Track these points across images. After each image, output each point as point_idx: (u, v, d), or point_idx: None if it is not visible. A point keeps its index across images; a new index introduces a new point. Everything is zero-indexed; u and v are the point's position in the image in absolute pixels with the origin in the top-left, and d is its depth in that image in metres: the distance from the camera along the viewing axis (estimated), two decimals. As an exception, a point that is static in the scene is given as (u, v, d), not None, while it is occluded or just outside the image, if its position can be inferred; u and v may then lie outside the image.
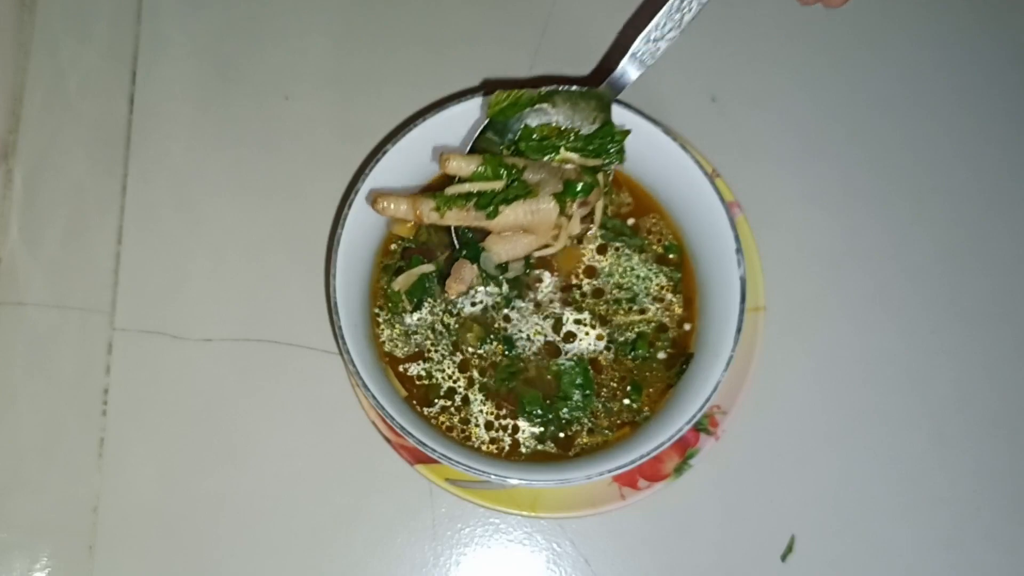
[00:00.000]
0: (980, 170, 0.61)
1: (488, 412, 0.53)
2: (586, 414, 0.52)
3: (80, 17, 0.64)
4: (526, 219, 0.44)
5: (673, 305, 0.54)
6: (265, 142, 0.62)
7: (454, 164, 0.43)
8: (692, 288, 0.54)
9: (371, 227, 0.52)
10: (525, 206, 0.44)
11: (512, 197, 0.44)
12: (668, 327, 0.54)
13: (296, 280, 0.59)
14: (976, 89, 0.62)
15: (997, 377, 0.58)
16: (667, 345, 0.53)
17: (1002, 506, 0.57)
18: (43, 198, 0.61)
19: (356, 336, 0.49)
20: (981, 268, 0.60)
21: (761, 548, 0.56)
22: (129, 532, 0.57)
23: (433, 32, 0.63)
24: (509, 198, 0.44)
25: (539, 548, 0.57)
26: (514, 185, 0.44)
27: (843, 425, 0.58)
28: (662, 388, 0.53)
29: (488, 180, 0.43)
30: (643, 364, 0.53)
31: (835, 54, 0.63)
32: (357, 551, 0.56)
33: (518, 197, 0.43)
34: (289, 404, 0.58)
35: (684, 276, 0.54)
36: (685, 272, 0.54)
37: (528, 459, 0.52)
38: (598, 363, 0.53)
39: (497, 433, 0.53)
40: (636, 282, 0.54)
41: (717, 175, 0.57)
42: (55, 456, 0.58)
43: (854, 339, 0.59)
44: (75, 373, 0.58)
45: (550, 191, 0.44)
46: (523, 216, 0.44)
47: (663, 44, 0.49)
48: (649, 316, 0.54)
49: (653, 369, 0.53)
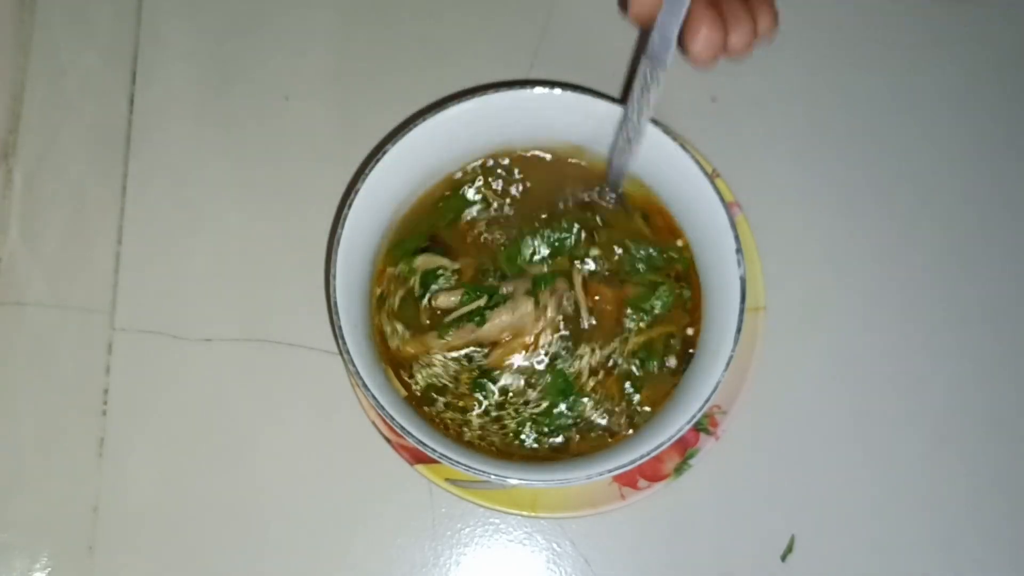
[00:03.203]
0: (981, 170, 0.61)
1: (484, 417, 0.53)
2: (575, 418, 0.53)
3: (80, 17, 0.64)
4: (510, 320, 0.52)
5: (683, 317, 0.54)
6: (265, 142, 0.62)
7: (443, 299, 0.53)
8: (698, 295, 0.54)
9: (371, 227, 0.52)
10: (506, 309, 0.51)
11: (495, 305, 0.52)
12: (675, 334, 0.54)
13: (296, 280, 0.59)
14: (977, 89, 0.62)
15: (998, 377, 0.58)
16: (675, 351, 0.53)
17: (1002, 506, 0.57)
18: (43, 198, 0.61)
19: (356, 336, 0.49)
20: (982, 268, 0.60)
21: (761, 548, 0.56)
22: (129, 532, 0.57)
23: (433, 32, 0.63)
24: (492, 306, 0.52)
25: (539, 548, 0.57)
26: (494, 297, 0.52)
27: (843, 425, 0.58)
28: (663, 389, 0.53)
29: (472, 301, 0.52)
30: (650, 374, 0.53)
31: (835, 54, 0.63)
32: (357, 551, 0.56)
33: (499, 304, 0.52)
34: (289, 404, 0.58)
35: (692, 289, 0.54)
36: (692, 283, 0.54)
37: (528, 459, 0.52)
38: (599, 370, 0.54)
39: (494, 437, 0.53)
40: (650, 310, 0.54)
41: (717, 175, 0.57)
42: (55, 456, 0.58)
43: (854, 339, 0.59)
44: (75, 373, 0.58)
45: (523, 291, 0.52)
46: (507, 318, 0.52)
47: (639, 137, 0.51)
48: (658, 331, 0.54)
49: (657, 375, 0.53)
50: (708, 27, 0.47)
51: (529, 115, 0.53)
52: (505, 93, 0.51)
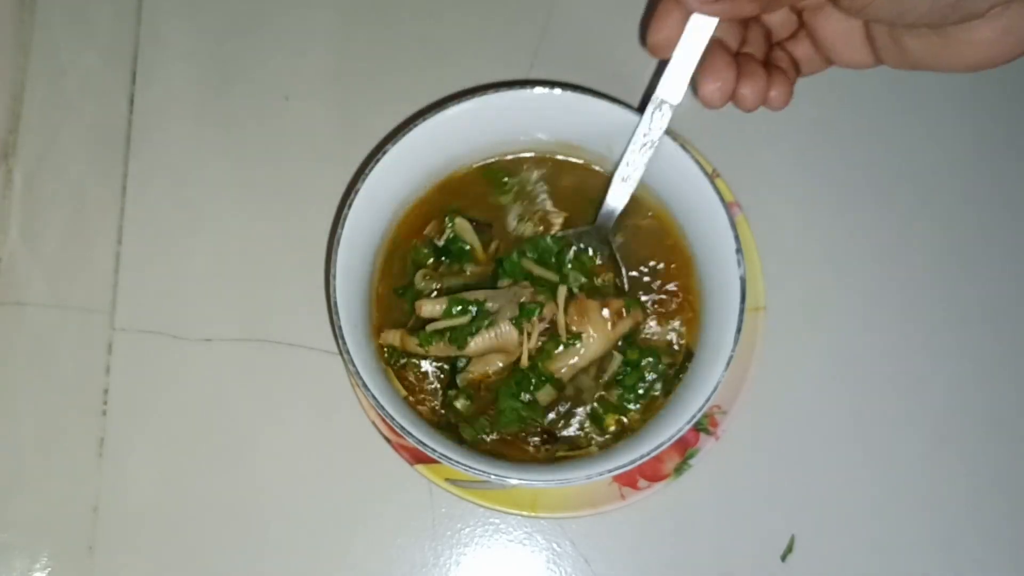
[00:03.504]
0: (981, 170, 0.61)
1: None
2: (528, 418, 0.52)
3: (80, 17, 0.64)
4: (493, 343, 0.51)
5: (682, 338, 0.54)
6: (265, 142, 0.62)
7: (427, 308, 0.51)
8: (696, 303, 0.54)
9: (371, 227, 0.52)
10: (489, 334, 0.51)
11: (477, 328, 0.51)
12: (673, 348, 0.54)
13: (296, 280, 0.59)
14: (977, 89, 0.62)
15: (997, 377, 0.58)
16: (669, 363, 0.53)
17: (1001, 506, 0.57)
18: (43, 198, 0.61)
19: (356, 336, 0.49)
20: (982, 267, 0.60)
21: (761, 548, 0.56)
22: (129, 532, 0.57)
23: (433, 32, 0.63)
24: (474, 330, 0.51)
25: (539, 548, 0.57)
26: (478, 315, 0.51)
27: (843, 425, 0.58)
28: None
29: (455, 318, 0.51)
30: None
31: (835, 54, 0.63)
32: (357, 551, 0.56)
33: (482, 327, 0.51)
34: (289, 404, 0.58)
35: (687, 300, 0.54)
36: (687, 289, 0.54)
37: (528, 459, 0.52)
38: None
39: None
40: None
41: (717, 175, 0.57)
42: (55, 456, 0.58)
43: (854, 339, 0.59)
44: (75, 373, 0.58)
45: (508, 316, 0.51)
46: (489, 341, 0.51)
47: (637, 174, 0.51)
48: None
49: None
50: (722, 73, 0.47)
51: (529, 115, 0.53)
52: (505, 93, 0.51)
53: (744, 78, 0.48)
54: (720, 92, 0.48)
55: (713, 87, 0.47)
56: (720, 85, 0.47)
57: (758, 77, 0.48)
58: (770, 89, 0.48)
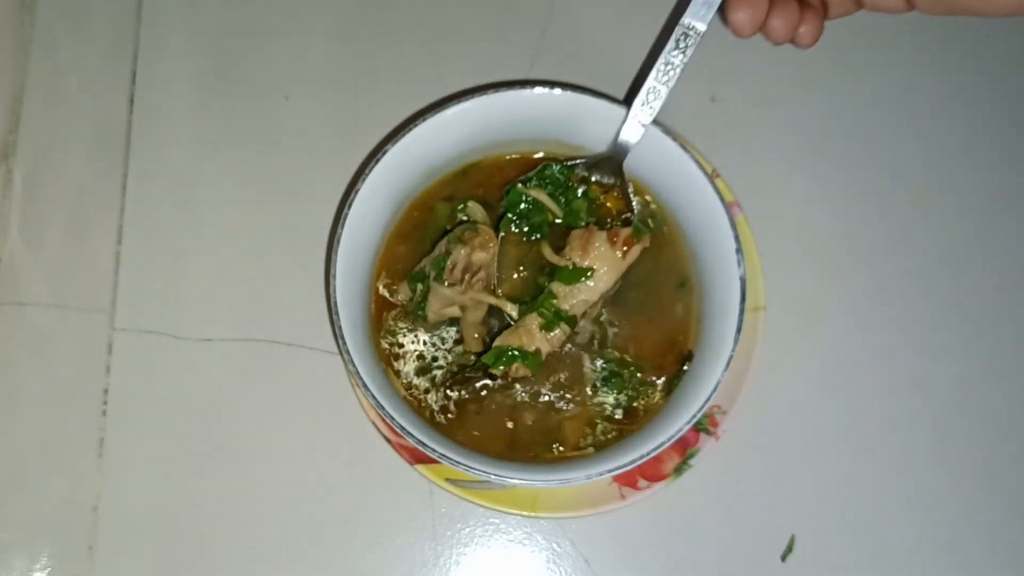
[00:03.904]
0: (981, 169, 0.61)
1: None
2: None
3: (80, 17, 0.64)
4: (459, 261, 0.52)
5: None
6: (265, 142, 0.62)
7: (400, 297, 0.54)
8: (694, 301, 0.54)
9: (371, 227, 0.52)
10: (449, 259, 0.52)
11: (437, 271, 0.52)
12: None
13: (296, 280, 0.59)
14: (978, 89, 0.62)
15: (998, 376, 0.58)
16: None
17: (1003, 506, 0.57)
18: (43, 198, 0.61)
19: (356, 336, 0.49)
20: (982, 267, 0.60)
21: (761, 548, 0.56)
22: (129, 532, 0.57)
23: (433, 32, 0.63)
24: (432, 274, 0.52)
25: (539, 548, 0.57)
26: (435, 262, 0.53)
27: (843, 425, 0.58)
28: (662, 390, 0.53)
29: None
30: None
31: (835, 53, 0.63)
32: (357, 551, 0.56)
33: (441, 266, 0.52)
34: (289, 404, 0.58)
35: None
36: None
37: (528, 459, 0.52)
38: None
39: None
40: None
41: (717, 175, 0.57)
42: (55, 456, 0.58)
43: (854, 339, 0.59)
44: (75, 373, 0.58)
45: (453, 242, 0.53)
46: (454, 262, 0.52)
47: (658, 103, 0.50)
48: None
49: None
50: (755, 1, 0.46)
51: (529, 115, 0.53)
52: (505, 93, 0.51)
53: (776, 9, 0.46)
54: (751, 20, 0.46)
55: (744, 15, 0.46)
56: (753, 12, 0.46)
57: (790, 10, 0.47)
58: (801, 24, 0.47)
